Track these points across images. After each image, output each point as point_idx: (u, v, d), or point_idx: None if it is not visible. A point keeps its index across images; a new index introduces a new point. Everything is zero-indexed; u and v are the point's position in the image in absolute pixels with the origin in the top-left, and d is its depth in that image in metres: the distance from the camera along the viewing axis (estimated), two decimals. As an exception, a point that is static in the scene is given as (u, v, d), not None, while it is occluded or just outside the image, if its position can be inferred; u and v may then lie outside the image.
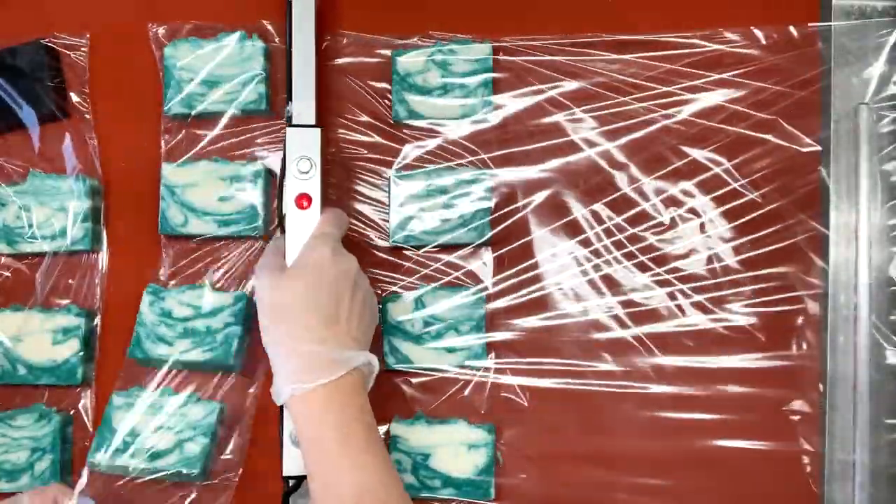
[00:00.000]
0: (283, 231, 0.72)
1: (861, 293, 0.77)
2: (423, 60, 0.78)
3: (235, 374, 0.77)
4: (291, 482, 0.71)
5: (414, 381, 0.78)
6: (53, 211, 0.77)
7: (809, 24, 0.79)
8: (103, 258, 0.78)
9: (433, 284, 0.78)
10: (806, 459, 0.77)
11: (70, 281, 0.78)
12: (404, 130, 0.79)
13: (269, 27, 0.79)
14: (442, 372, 0.77)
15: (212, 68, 0.77)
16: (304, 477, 0.68)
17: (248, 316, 0.76)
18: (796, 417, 0.77)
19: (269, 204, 0.78)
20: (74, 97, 0.79)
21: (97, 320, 0.78)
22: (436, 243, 0.77)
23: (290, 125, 0.72)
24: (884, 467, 0.76)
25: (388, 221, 0.78)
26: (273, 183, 0.78)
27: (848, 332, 0.77)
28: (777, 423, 0.77)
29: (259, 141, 0.79)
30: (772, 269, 0.78)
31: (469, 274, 0.78)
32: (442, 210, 0.77)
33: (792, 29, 0.78)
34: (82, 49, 0.79)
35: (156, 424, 0.74)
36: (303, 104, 0.73)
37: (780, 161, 0.78)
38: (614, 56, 0.79)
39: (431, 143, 0.79)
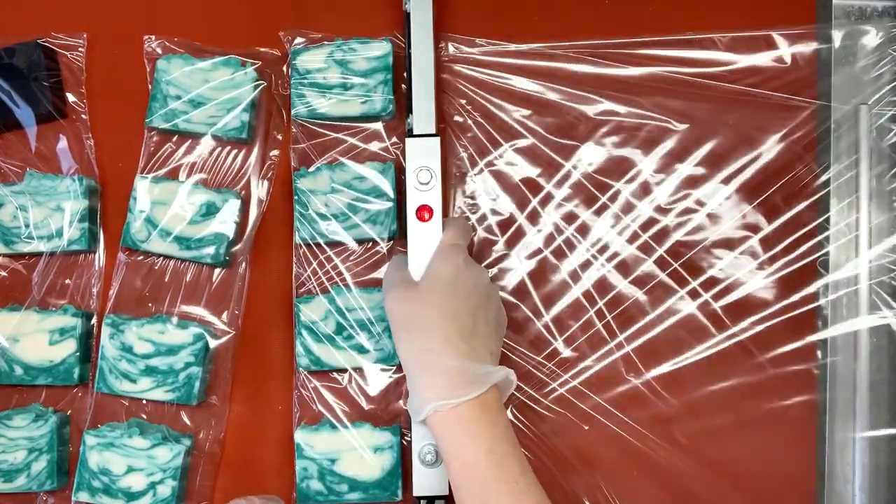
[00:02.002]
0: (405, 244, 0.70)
1: (861, 293, 0.76)
2: (323, 58, 0.77)
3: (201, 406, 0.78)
4: (423, 502, 0.70)
5: (325, 384, 0.77)
6: (50, 211, 0.76)
7: (809, 25, 0.78)
8: (100, 258, 0.78)
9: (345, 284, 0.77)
10: (806, 459, 0.77)
11: (67, 281, 0.78)
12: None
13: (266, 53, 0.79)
14: (355, 372, 0.76)
15: (200, 89, 0.77)
16: (437, 497, 0.68)
17: (206, 356, 0.76)
18: (796, 418, 0.77)
19: (238, 235, 0.78)
20: (71, 97, 0.79)
21: (94, 320, 0.78)
22: (341, 238, 0.76)
23: (410, 135, 0.71)
24: (884, 467, 0.76)
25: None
26: (245, 213, 0.78)
27: (848, 332, 0.77)
28: (777, 423, 0.77)
29: (236, 168, 0.78)
30: (771, 270, 0.78)
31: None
32: (347, 205, 0.76)
33: (790, 29, 0.78)
34: (79, 49, 0.79)
35: (127, 466, 0.74)
36: (422, 114, 0.72)
37: (780, 161, 0.78)
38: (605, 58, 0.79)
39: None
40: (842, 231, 0.77)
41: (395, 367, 0.77)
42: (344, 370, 0.76)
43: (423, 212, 0.69)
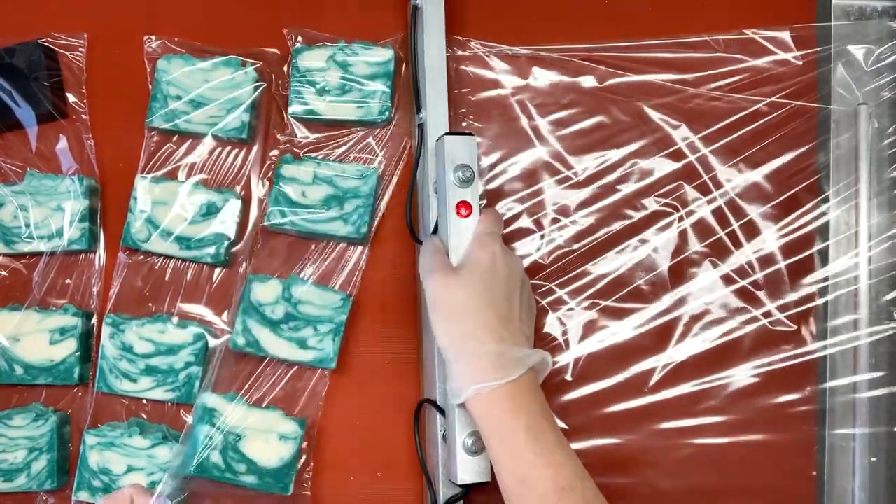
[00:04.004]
0: (435, 233, 0.72)
1: (861, 292, 0.77)
2: (324, 59, 0.77)
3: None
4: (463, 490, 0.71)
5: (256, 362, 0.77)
6: (51, 211, 0.77)
7: (809, 25, 0.78)
8: (100, 258, 0.78)
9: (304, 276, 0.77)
10: (806, 459, 0.77)
11: (67, 281, 0.78)
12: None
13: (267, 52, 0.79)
14: (288, 365, 0.76)
15: (200, 89, 0.77)
16: (475, 484, 0.68)
17: (206, 355, 0.76)
18: (797, 417, 0.77)
19: (238, 234, 0.78)
20: (71, 97, 0.79)
21: (94, 320, 0.78)
22: (310, 229, 0.76)
23: (449, 133, 0.71)
24: (884, 467, 0.76)
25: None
26: (245, 213, 0.78)
27: (848, 331, 0.77)
28: (778, 423, 0.77)
29: (236, 168, 0.79)
30: (770, 273, 0.78)
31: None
32: (324, 198, 0.76)
33: (790, 30, 0.78)
34: (80, 49, 0.79)
35: (127, 465, 0.74)
36: (437, 113, 0.73)
37: (779, 161, 0.78)
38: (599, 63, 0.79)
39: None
40: (841, 230, 0.78)
41: (329, 370, 0.77)
42: (278, 360, 0.76)
43: (462, 208, 0.70)
